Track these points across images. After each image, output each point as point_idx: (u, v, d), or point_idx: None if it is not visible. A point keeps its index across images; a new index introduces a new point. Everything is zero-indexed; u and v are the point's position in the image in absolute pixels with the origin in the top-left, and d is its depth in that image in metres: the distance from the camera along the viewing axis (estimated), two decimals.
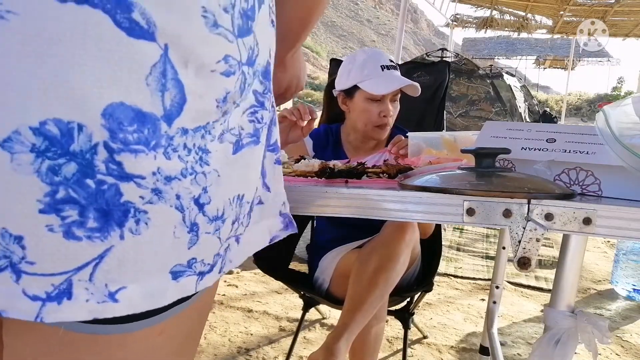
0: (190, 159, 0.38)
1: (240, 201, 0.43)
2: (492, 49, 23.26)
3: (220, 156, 0.41)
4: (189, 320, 0.47)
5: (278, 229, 0.50)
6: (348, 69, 1.39)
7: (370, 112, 1.36)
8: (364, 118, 1.37)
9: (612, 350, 1.86)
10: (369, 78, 1.33)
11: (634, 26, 7.14)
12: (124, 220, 0.35)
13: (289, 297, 2.23)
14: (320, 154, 1.45)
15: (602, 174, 0.64)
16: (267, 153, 0.48)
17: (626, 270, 2.46)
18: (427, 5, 49.65)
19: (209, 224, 0.40)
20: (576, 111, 24.83)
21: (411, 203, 0.59)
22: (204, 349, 1.72)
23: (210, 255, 0.41)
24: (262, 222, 0.49)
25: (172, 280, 0.39)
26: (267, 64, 0.46)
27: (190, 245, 0.39)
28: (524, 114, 6.48)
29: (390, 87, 1.33)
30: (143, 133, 0.34)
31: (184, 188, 0.38)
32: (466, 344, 1.85)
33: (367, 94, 1.34)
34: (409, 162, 0.94)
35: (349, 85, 1.38)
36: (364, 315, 1.10)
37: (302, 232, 1.66)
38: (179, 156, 0.37)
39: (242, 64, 0.40)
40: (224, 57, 0.38)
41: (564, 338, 0.58)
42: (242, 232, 0.45)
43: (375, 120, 1.36)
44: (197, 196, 0.39)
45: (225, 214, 0.42)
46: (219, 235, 0.42)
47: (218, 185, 0.40)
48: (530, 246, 0.53)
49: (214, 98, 0.38)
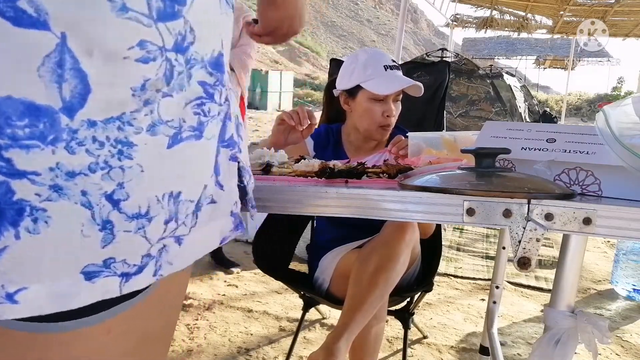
0: (103, 153, 0.35)
1: (174, 199, 0.40)
2: (492, 49, 23.27)
3: (150, 149, 0.38)
4: (144, 319, 0.44)
5: (229, 229, 0.47)
6: (350, 68, 1.38)
7: (373, 112, 1.35)
8: (367, 118, 1.37)
9: (612, 350, 1.86)
10: (372, 78, 1.33)
11: (633, 26, 7.14)
12: (19, 220, 0.33)
13: (289, 297, 2.23)
14: (320, 153, 1.44)
15: (602, 174, 0.64)
16: (221, 149, 0.45)
17: (626, 270, 2.46)
18: (427, 5, 49.76)
19: (127, 221, 0.38)
20: (576, 111, 24.82)
21: (411, 203, 0.59)
22: (204, 349, 1.72)
23: (134, 255, 0.38)
24: (213, 223, 0.45)
25: (85, 280, 0.36)
26: (218, 55, 0.43)
27: (105, 244, 0.37)
28: (524, 114, 6.48)
29: (394, 87, 1.32)
30: (37, 127, 0.32)
31: (92, 184, 0.35)
32: (466, 344, 1.85)
33: (370, 94, 1.33)
34: (409, 162, 0.94)
35: (352, 85, 1.37)
36: (364, 315, 1.10)
37: (302, 232, 1.66)
38: (86, 150, 0.35)
39: (166, 49, 0.37)
40: (138, 42, 0.35)
41: (564, 338, 0.58)
42: (185, 232, 0.42)
43: (379, 120, 1.36)
44: (109, 192, 0.36)
45: (150, 211, 0.39)
46: (145, 235, 0.39)
47: (140, 180, 0.38)
48: (530, 246, 0.53)
49: (129, 87, 0.36)
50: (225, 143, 0.46)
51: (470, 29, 8.05)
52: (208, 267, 2.56)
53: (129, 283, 0.39)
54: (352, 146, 1.48)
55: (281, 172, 0.81)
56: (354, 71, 1.37)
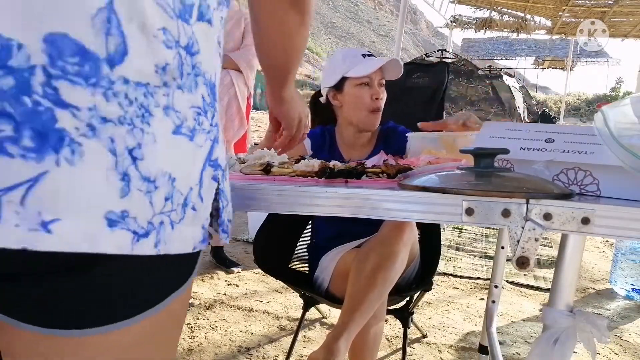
0: (130, 110, 0.38)
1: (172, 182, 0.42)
2: (491, 49, 23.26)
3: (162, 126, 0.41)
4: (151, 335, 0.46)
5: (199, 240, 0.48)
6: (332, 66, 1.46)
7: (362, 98, 1.41)
8: (358, 105, 1.42)
9: (611, 349, 1.86)
10: (354, 65, 1.40)
11: (632, 27, 7.14)
12: (60, 147, 0.34)
13: (289, 297, 2.23)
14: (317, 154, 1.46)
15: (600, 174, 0.64)
16: (208, 166, 0.48)
17: (625, 269, 2.46)
18: (427, 6, 49.89)
19: (140, 181, 0.39)
20: (575, 111, 24.84)
21: (410, 203, 0.59)
22: (204, 348, 1.72)
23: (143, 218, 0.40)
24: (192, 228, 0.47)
25: (107, 227, 0.37)
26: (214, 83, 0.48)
27: (123, 195, 0.38)
28: (523, 114, 6.48)
29: (376, 65, 1.39)
30: (83, 67, 0.35)
31: (119, 135, 0.37)
32: (465, 343, 1.85)
33: (356, 80, 1.40)
34: (409, 162, 0.94)
35: (337, 79, 1.43)
36: (363, 315, 1.10)
37: (302, 232, 1.66)
38: (119, 103, 0.37)
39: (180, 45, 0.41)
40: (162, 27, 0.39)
41: (563, 337, 0.58)
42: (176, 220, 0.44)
43: (369, 104, 1.41)
44: (130, 147, 0.38)
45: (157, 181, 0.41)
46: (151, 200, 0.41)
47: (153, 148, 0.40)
48: (529, 246, 0.53)
49: (154, 63, 0.39)
50: (211, 162, 0.48)
51: (470, 29, 8.06)
52: (209, 266, 2.56)
53: (138, 244, 0.40)
54: (346, 145, 1.51)
55: (281, 172, 0.81)
56: (336, 67, 1.45)
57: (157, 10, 0.39)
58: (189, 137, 0.44)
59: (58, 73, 0.34)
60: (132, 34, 0.37)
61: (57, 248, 0.34)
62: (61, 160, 0.34)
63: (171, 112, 0.42)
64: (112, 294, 0.41)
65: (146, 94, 0.39)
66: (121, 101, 0.37)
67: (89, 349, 0.41)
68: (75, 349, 0.41)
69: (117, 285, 0.41)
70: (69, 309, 0.40)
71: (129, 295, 0.42)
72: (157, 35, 0.39)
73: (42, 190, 0.34)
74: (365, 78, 1.39)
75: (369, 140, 1.51)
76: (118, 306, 0.42)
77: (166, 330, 0.48)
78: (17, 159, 0.33)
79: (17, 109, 0.33)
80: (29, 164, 0.33)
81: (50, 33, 0.34)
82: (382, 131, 1.51)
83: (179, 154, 0.43)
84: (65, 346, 0.41)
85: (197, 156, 0.46)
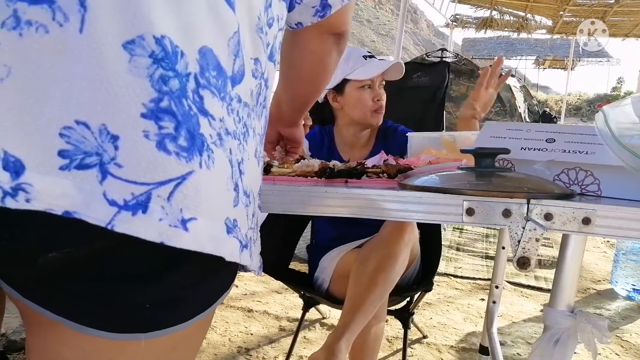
0: (239, 127, 0.41)
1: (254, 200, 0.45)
2: (491, 49, 23.23)
3: (250, 147, 0.44)
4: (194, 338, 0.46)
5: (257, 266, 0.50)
6: None
7: (364, 100, 1.40)
8: (360, 106, 1.41)
9: (612, 350, 1.86)
10: (356, 68, 1.39)
11: (633, 26, 7.14)
12: (202, 150, 0.37)
13: (289, 297, 2.23)
14: (315, 154, 1.46)
15: (601, 174, 0.64)
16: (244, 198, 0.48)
17: (626, 270, 2.46)
18: (427, 6, 49.83)
19: (243, 194, 0.42)
20: (576, 111, 24.82)
21: (411, 203, 0.59)
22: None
23: (244, 227, 0.42)
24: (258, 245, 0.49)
25: (226, 232, 0.39)
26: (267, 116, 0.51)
27: (235, 204, 0.40)
28: (524, 114, 6.48)
29: (378, 70, 1.38)
30: (218, 81, 0.39)
31: (234, 148, 0.40)
32: (466, 344, 1.85)
33: (358, 82, 1.39)
34: (409, 162, 0.94)
35: (338, 81, 1.42)
36: (363, 315, 1.10)
37: (302, 232, 1.66)
38: (234, 119, 0.40)
39: (263, 77, 0.45)
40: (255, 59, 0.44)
41: (564, 338, 0.58)
42: (254, 237, 0.46)
43: (371, 105, 1.41)
44: (239, 161, 0.41)
45: (251, 195, 0.44)
46: (247, 213, 0.43)
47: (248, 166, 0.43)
48: (530, 246, 0.53)
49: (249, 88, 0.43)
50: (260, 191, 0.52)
51: (470, 29, 8.04)
52: None
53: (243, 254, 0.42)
54: (345, 145, 1.51)
55: (281, 172, 0.81)
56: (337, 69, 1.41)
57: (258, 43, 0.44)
58: (258, 162, 0.48)
59: (205, 83, 0.37)
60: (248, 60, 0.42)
61: (189, 246, 0.36)
62: (202, 162, 0.36)
63: (256, 135, 0.46)
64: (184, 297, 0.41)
65: (249, 114, 0.43)
66: (235, 117, 0.41)
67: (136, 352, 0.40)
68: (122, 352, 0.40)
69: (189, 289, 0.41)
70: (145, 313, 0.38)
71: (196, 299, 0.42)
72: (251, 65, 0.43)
73: (187, 189, 0.35)
74: (367, 81, 1.39)
75: (368, 140, 1.51)
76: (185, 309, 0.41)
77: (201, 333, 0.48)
78: (172, 157, 0.35)
79: (179, 110, 0.35)
80: (181, 163, 0.35)
81: (203, 46, 0.37)
82: (380, 131, 1.51)
83: (257, 176, 0.47)
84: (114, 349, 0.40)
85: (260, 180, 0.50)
